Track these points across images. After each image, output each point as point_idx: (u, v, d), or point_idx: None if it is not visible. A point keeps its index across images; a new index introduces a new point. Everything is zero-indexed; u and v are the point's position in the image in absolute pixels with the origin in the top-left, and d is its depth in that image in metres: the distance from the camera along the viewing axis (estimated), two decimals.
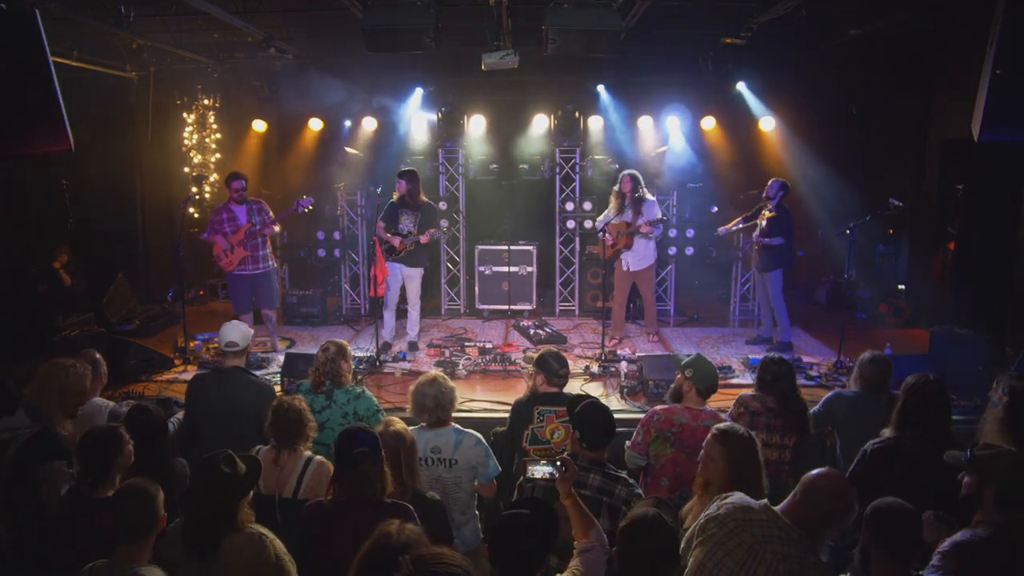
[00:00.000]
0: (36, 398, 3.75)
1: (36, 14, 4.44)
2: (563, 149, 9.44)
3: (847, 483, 2.59)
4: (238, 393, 4.25)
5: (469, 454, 3.74)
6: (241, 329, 4.49)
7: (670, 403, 4.06)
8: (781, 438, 3.99)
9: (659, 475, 3.80)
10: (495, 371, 6.68)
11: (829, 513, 2.52)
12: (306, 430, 3.62)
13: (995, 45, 4.09)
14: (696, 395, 3.98)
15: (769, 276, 7.32)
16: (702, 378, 3.98)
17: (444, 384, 3.82)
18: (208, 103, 10.31)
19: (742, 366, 6.80)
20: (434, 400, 3.76)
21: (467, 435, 3.80)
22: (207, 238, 7.03)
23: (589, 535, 2.75)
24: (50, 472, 3.37)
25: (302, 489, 3.47)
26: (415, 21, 6.17)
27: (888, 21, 7.06)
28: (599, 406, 3.42)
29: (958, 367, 5.74)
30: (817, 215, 9.22)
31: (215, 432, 4.23)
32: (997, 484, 2.65)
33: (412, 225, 7.20)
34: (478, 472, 3.78)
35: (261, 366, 6.83)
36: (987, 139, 4.24)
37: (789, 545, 2.48)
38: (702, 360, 4.10)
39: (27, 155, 5.49)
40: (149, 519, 2.65)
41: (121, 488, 2.78)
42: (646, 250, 7.58)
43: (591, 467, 3.24)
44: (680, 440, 3.79)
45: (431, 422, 3.80)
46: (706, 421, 3.79)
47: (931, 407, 3.36)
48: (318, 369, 4.31)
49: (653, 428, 3.85)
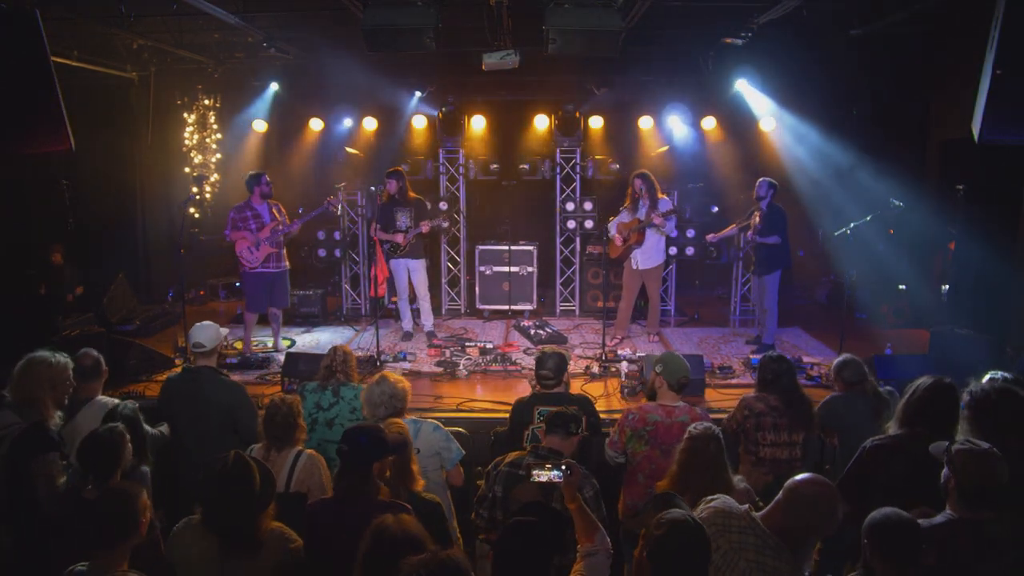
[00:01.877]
0: (20, 394, 3.73)
1: (36, 14, 4.44)
2: (563, 149, 9.44)
3: (832, 489, 2.55)
4: (208, 392, 4.29)
5: (430, 439, 3.84)
6: (209, 331, 4.49)
7: (647, 402, 4.14)
8: (789, 435, 4.05)
9: (636, 472, 3.89)
10: (495, 371, 6.67)
11: (813, 522, 2.49)
12: (295, 432, 3.64)
13: (995, 45, 4.09)
14: (668, 390, 4.04)
15: (767, 279, 7.32)
16: (671, 372, 4.04)
17: (392, 381, 3.91)
18: (208, 103, 10.31)
19: (742, 366, 6.80)
20: (388, 396, 3.83)
21: (425, 423, 3.92)
22: (229, 236, 7.11)
23: (593, 539, 2.74)
24: (44, 465, 3.38)
25: (293, 482, 3.50)
26: (415, 21, 6.17)
27: (888, 21, 7.06)
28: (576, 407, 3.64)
29: (958, 367, 5.71)
30: (817, 215, 9.22)
31: (188, 432, 4.29)
32: (957, 477, 2.69)
33: (409, 220, 7.52)
34: (442, 458, 3.86)
35: (262, 366, 6.84)
36: (987, 139, 4.23)
37: (764, 554, 2.45)
38: (671, 356, 4.19)
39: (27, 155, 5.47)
40: (128, 524, 2.62)
41: (103, 491, 2.79)
42: (656, 248, 7.61)
43: (549, 456, 3.35)
44: (655, 437, 3.88)
45: (385, 416, 3.82)
46: (680, 417, 3.89)
47: (936, 406, 3.36)
48: (330, 364, 4.45)
49: (628, 427, 3.95)
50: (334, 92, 9.99)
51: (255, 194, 7.15)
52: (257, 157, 10.38)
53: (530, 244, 9.09)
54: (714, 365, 6.64)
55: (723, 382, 6.38)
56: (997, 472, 2.66)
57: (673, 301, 9.11)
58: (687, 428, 3.43)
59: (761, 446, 4.04)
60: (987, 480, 2.66)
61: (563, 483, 2.84)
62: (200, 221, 10.30)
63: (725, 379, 6.46)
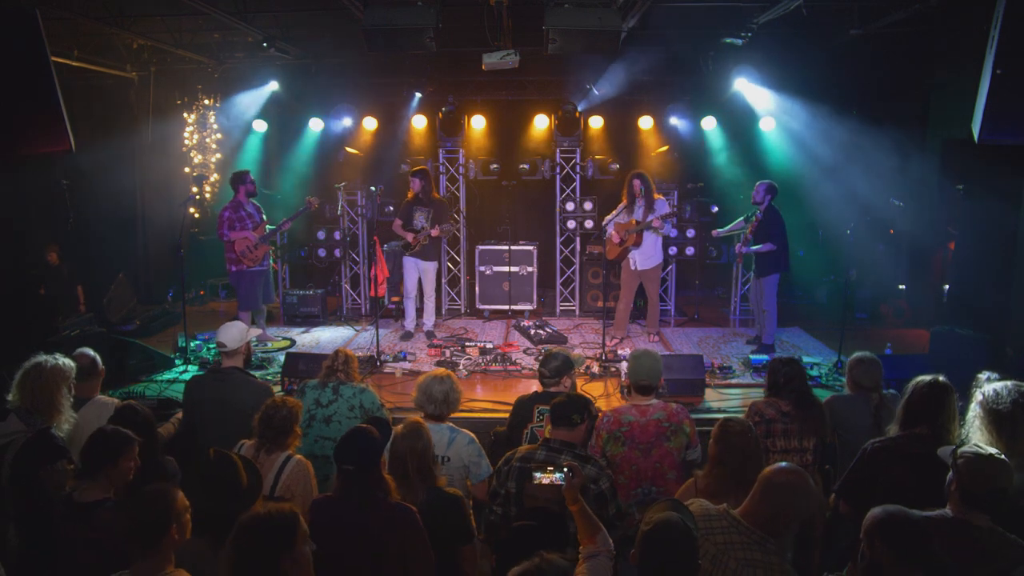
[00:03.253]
0: (28, 399, 3.68)
1: (36, 14, 4.44)
2: (563, 149, 9.44)
3: (803, 475, 2.62)
4: (234, 393, 4.27)
5: (462, 452, 3.80)
6: (232, 331, 4.46)
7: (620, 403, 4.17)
8: (800, 442, 3.96)
9: (617, 474, 3.82)
10: (495, 371, 6.68)
11: (790, 508, 2.54)
12: (289, 437, 3.60)
13: (995, 45, 4.09)
14: (635, 391, 4.05)
15: (764, 281, 7.32)
16: (634, 373, 4.04)
17: (454, 383, 3.94)
18: (208, 103, 10.31)
19: (742, 366, 6.80)
20: (443, 395, 3.86)
21: (461, 434, 3.87)
22: (228, 236, 7.15)
23: (595, 540, 2.74)
24: (53, 474, 3.32)
25: (279, 486, 3.46)
26: (415, 21, 6.18)
27: (888, 21, 7.06)
28: (574, 395, 3.57)
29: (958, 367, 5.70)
30: (817, 215, 9.22)
31: (212, 433, 4.24)
32: (960, 479, 2.69)
33: (425, 221, 7.59)
34: (470, 472, 3.83)
35: (263, 366, 6.84)
36: (987, 139, 4.23)
37: (752, 550, 2.47)
38: (637, 356, 4.15)
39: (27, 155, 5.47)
40: (160, 526, 2.52)
41: (134, 495, 2.74)
42: (654, 248, 7.61)
43: (562, 448, 3.34)
44: (631, 438, 3.86)
45: (432, 415, 3.86)
46: (655, 415, 3.88)
47: (937, 407, 3.36)
48: (328, 367, 4.45)
49: (603, 430, 3.92)
50: (334, 92, 9.99)
51: (240, 192, 7.25)
52: (257, 157, 10.39)
53: (530, 244, 9.09)
54: (714, 365, 6.64)
55: (723, 382, 6.38)
56: (1004, 477, 2.66)
57: (673, 301, 9.11)
58: (662, 424, 3.42)
59: (771, 452, 3.95)
60: (994, 485, 2.66)
61: (565, 486, 2.84)
62: (200, 221, 10.30)
63: (725, 379, 6.45)
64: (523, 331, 8.03)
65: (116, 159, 9.51)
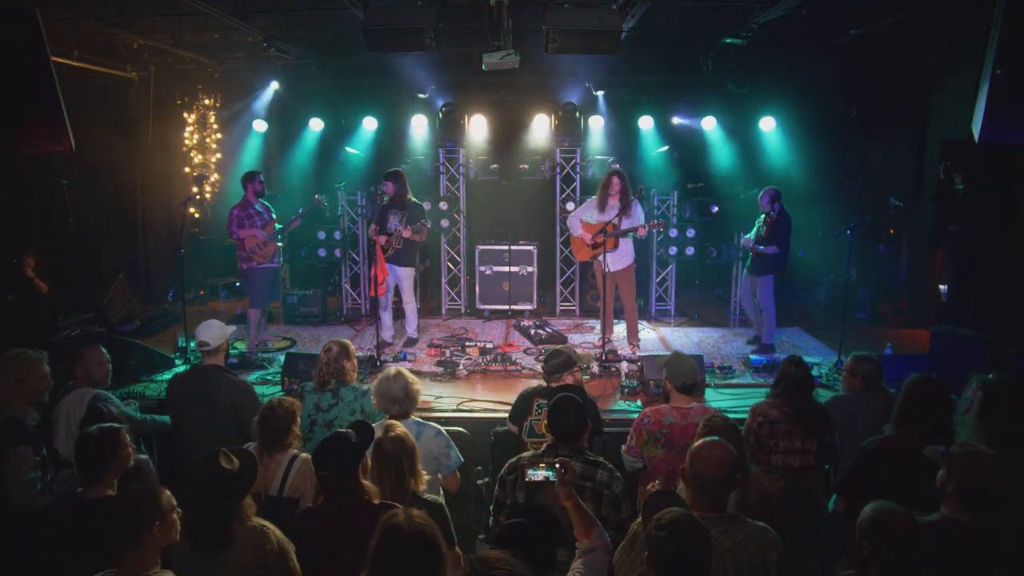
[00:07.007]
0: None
1: (37, 14, 4.45)
2: (563, 149, 9.44)
3: (724, 444, 2.72)
4: (215, 391, 4.29)
5: (430, 445, 3.79)
6: (213, 329, 4.48)
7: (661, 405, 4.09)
8: (803, 443, 3.94)
9: (653, 475, 3.81)
10: (495, 371, 6.67)
11: (722, 473, 2.64)
12: (290, 437, 3.61)
13: (995, 45, 4.09)
14: (677, 393, 4.01)
15: (760, 280, 7.31)
16: (675, 375, 4.02)
17: (408, 377, 3.92)
18: (209, 103, 10.31)
19: (742, 366, 6.80)
20: (403, 391, 3.86)
21: (427, 426, 3.88)
22: (238, 233, 7.19)
23: (591, 536, 2.73)
24: (13, 458, 3.39)
25: (287, 487, 3.47)
26: (415, 21, 6.18)
27: (888, 21, 7.06)
28: (569, 399, 3.45)
29: (958, 367, 5.71)
30: (817, 215, 9.22)
31: (194, 430, 4.29)
32: (960, 479, 2.69)
33: (399, 224, 7.23)
34: (440, 463, 3.82)
35: (263, 366, 6.84)
36: (987, 139, 4.24)
37: (733, 535, 2.56)
38: (676, 358, 4.15)
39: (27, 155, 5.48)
40: (142, 523, 2.53)
41: (118, 492, 2.77)
42: (626, 249, 7.28)
43: (571, 455, 3.28)
44: (671, 440, 3.84)
45: (399, 414, 3.83)
46: (695, 418, 3.82)
47: (931, 405, 3.37)
48: (322, 369, 4.37)
49: (644, 431, 3.91)
50: (334, 92, 9.98)
51: (249, 192, 7.29)
52: (257, 157, 10.39)
53: (530, 244, 9.09)
54: (714, 365, 6.63)
55: (723, 382, 6.38)
56: (997, 472, 2.67)
57: (673, 301, 9.10)
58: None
59: (774, 453, 3.95)
60: (989, 481, 2.67)
61: (557, 482, 2.80)
62: (200, 221, 10.30)
63: (725, 379, 6.45)
64: (523, 331, 8.03)
65: (116, 159, 9.52)
